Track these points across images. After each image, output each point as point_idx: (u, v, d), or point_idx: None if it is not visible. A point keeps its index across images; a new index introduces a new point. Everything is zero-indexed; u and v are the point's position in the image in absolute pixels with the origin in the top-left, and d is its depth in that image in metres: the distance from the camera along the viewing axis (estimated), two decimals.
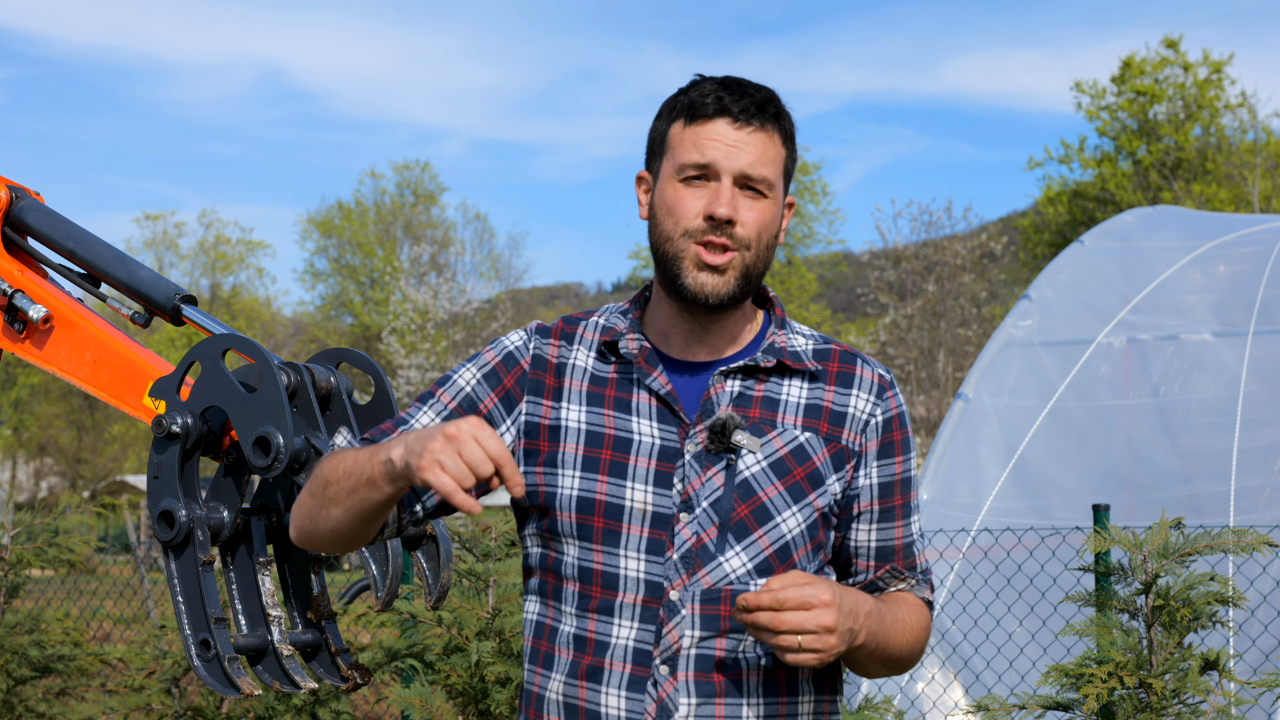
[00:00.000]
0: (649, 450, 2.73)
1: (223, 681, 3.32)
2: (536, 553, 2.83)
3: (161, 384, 3.43)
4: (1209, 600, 5.00)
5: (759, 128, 2.76)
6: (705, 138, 2.74)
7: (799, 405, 2.79)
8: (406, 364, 45.35)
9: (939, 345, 42.16)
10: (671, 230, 2.75)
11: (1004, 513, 10.28)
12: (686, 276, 2.73)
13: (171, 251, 57.99)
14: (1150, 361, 11.23)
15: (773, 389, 2.79)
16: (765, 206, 2.77)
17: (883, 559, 2.85)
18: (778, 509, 2.72)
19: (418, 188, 56.62)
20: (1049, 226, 44.87)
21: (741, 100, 2.76)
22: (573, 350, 2.85)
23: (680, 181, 2.76)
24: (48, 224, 3.90)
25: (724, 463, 2.71)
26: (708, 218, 2.72)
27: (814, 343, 2.88)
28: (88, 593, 11.53)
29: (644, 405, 2.77)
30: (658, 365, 2.79)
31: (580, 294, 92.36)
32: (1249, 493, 9.83)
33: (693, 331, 2.82)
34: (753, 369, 2.80)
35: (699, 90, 2.79)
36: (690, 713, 2.66)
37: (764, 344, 2.84)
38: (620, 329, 2.84)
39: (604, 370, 2.82)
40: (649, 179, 2.86)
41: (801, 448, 2.76)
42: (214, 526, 3.36)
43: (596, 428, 2.76)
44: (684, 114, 2.78)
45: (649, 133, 2.87)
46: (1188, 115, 42.63)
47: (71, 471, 54.91)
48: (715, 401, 2.75)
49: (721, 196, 2.72)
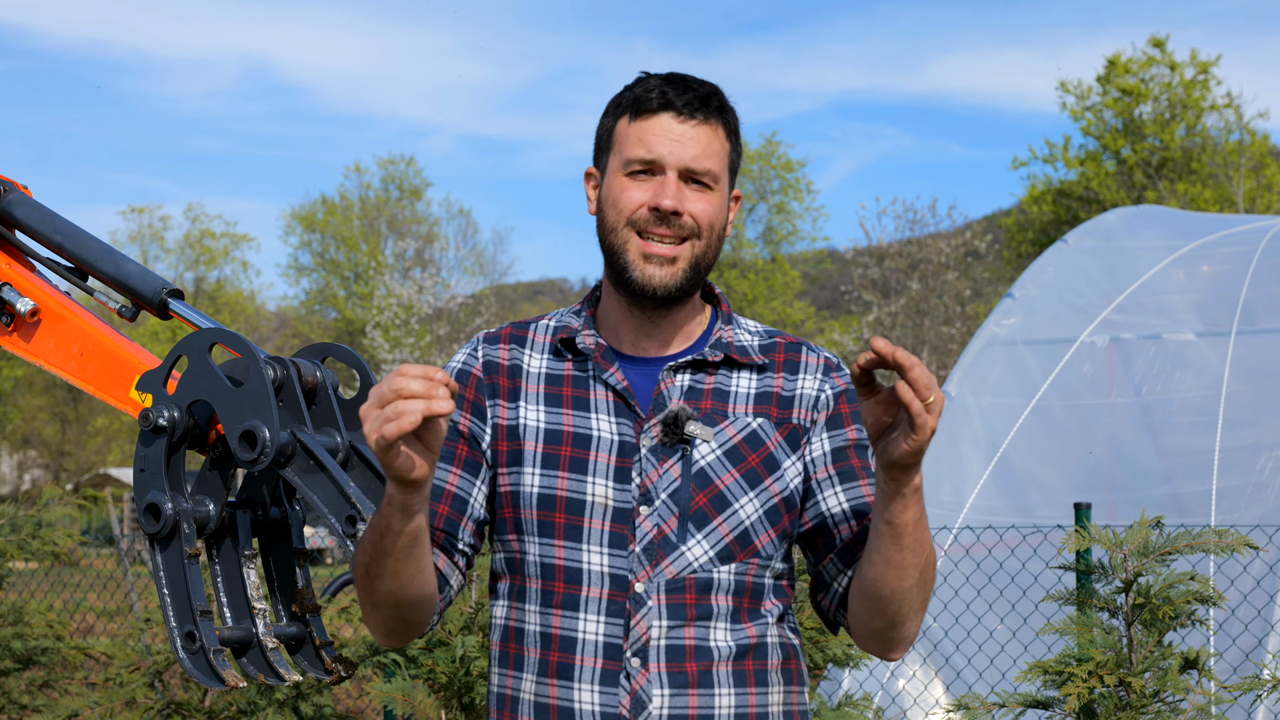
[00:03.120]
0: (609, 446, 2.75)
1: (207, 673, 3.33)
2: (501, 557, 2.86)
3: (148, 377, 3.43)
4: (1189, 599, 5.03)
5: (703, 121, 2.79)
6: (650, 133, 2.77)
7: (749, 395, 2.82)
8: (390, 359, 45.31)
9: (922, 343, 42.22)
10: (615, 221, 2.78)
11: (986, 511, 10.30)
12: (633, 270, 2.76)
13: (157, 244, 57.92)
14: (1133, 361, 11.26)
15: (723, 381, 2.83)
16: (711, 198, 2.79)
17: (861, 518, 2.80)
18: (735, 496, 2.74)
19: (402, 183, 56.54)
20: (1033, 225, 44.92)
21: (685, 95, 2.79)
22: (525, 353, 2.88)
23: (626, 175, 2.79)
24: (35, 217, 3.89)
25: (679, 454, 2.74)
26: (653, 209, 2.75)
27: (760, 338, 2.91)
28: (71, 585, 11.52)
29: (602, 401, 2.80)
30: (614, 361, 2.82)
31: (564, 289, 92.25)
32: (1230, 492, 9.86)
33: (642, 326, 2.84)
34: (701, 363, 2.82)
35: (644, 86, 2.82)
36: (664, 704, 2.68)
37: (711, 339, 2.87)
38: (575, 326, 2.87)
39: (559, 368, 2.85)
40: (597, 175, 2.89)
41: (754, 434, 2.78)
42: (200, 519, 3.36)
43: (555, 425, 2.79)
44: (629, 110, 2.81)
45: (596, 130, 2.90)
46: (1173, 115, 42.71)
47: (55, 464, 54.79)
48: (666, 395, 2.78)
49: (666, 189, 2.75)
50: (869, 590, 2.67)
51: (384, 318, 46.76)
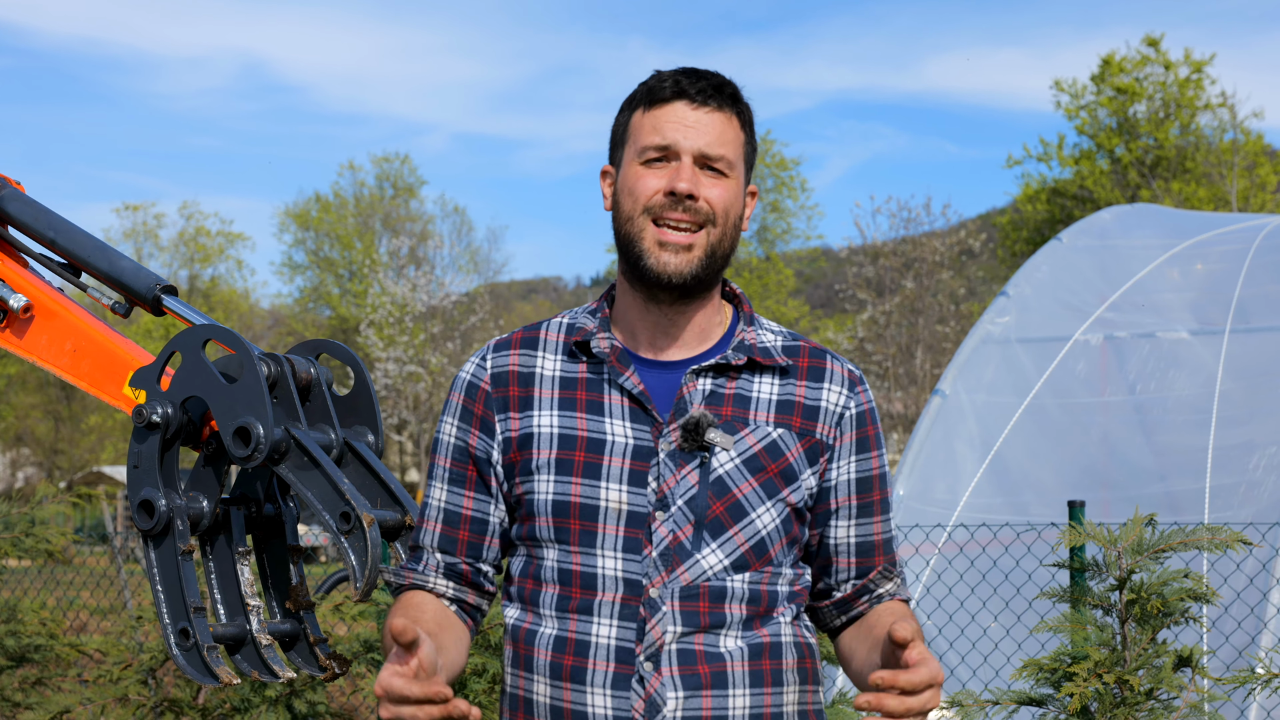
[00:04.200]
0: (623, 450, 2.74)
1: (201, 670, 3.33)
2: (519, 562, 2.84)
3: (142, 374, 3.43)
4: (1183, 596, 5.02)
5: (716, 108, 2.79)
6: (664, 120, 2.77)
7: (771, 402, 2.80)
8: (384, 357, 45.29)
9: (917, 342, 42.21)
10: (631, 209, 2.77)
11: (980, 509, 10.30)
12: (648, 257, 2.75)
13: (151, 242, 57.81)
14: (1127, 359, 11.27)
15: (744, 386, 2.80)
16: (728, 185, 2.78)
17: (864, 555, 2.86)
18: (752, 505, 2.73)
19: (396, 181, 56.47)
20: (1027, 224, 44.92)
21: (699, 83, 2.79)
22: (537, 356, 2.85)
23: (641, 164, 2.78)
24: (29, 213, 3.89)
25: (698, 461, 2.72)
26: (668, 194, 2.74)
27: (783, 339, 2.89)
28: (64, 583, 11.50)
29: (616, 406, 2.78)
30: (630, 364, 2.80)
31: (559, 288, 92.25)
32: (1224, 490, 9.87)
33: (660, 325, 2.82)
34: (724, 367, 2.80)
35: (657, 78, 2.83)
36: (678, 706, 2.67)
37: (734, 341, 2.84)
38: (590, 328, 2.84)
39: (573, 371, 2.82)
40: (613, 171, 2.88)
41: (775, 444, 2.77)
42: (193, 516, 3.36)
43: (569, 430, 2.77)
44: (643, 101, 2.82)
45: (611, 127, 2.89)
46: (1167, 114, 42.72)
47: (48, 462, 54.71)
48: (688, 400, 2.76)
49: (682, 173, 2.74)
50: (861, 671, 2.77)
51: (378, 316, 46.73)
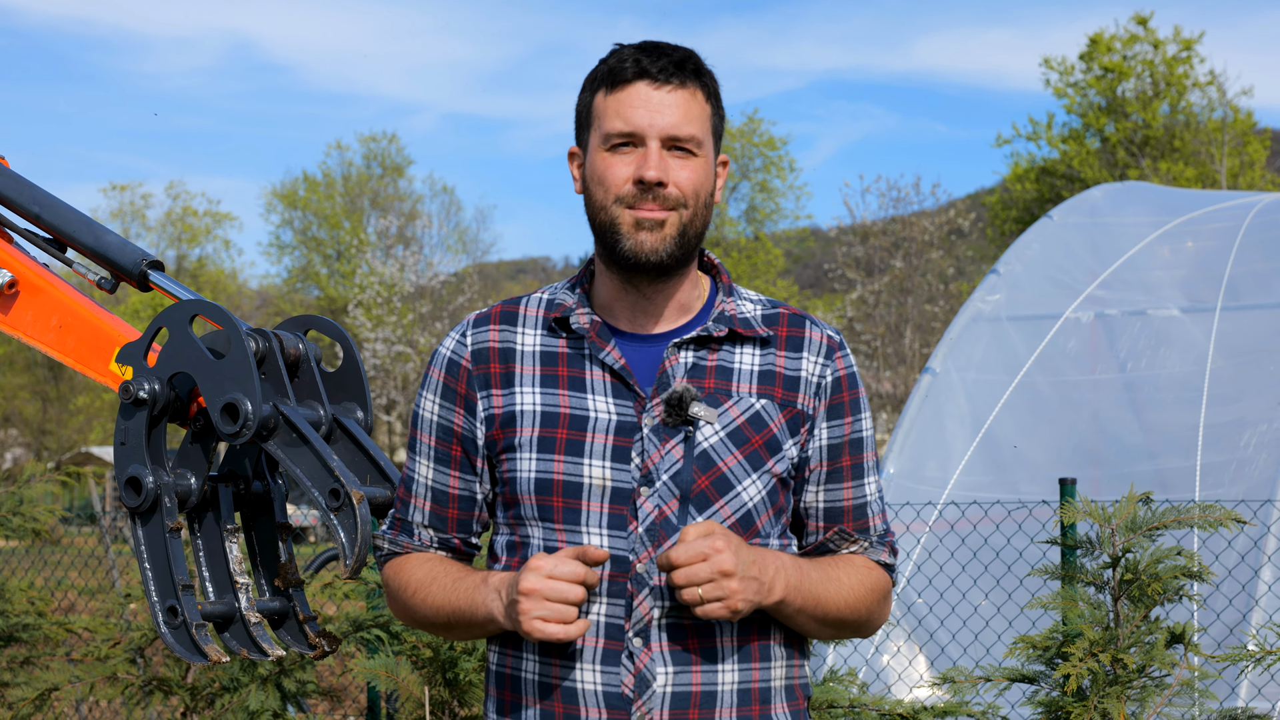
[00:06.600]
0: (605, 426, 2.73)
1: (190, 648, 3.30)
2: (501, 539, 2.84)
3: (128, 350, 3.39)
4: (1176, 574, 5.01)
5: (679, 85, 2.75)
6: (627, 104, 2.73)
7: (753, 373, 2.79)
8: (373, 337, 45.23)
9: (906, 321, 42.27)
10: (603, 199, 2.75)
11: (971, 487, 10.30)
12: (625, 240, 2.72)
13: (138, 222, 57.75)
14: (1118, 337, 11.27)
15: (725, 358, 2.79)
16: (696, 165, 2.75)
17: (831, 520, 2.85)
18: (738, 478, 2.73)
19: (384, 160, 56.35)
20: (1016, 203, 44.93)
21: (660, 61, 2.74)
22: (516, 332, 2.84)
23: (608, 150, 2.75)
24: (12, 188, 3.85)
25: (682, 435, 2.71)
26: (637, 182, 2.71)
27: (762, 308, 2.87)
28: (52, 563, 11.48)
29: (598, 381, 2.76)
30: (610, 339, 2.78)
31: (547, 268, 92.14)
32: (1214, 468, 9.87)
33: (638, 304, 2.81)
34: (705, 339, 2.79)
35: (617, 57, 2.78)
36: (668, 681, 2.67)
37: (714, 312, 2.83)
38: (569, 304, 2.83)
39: (553, 346, 2.81)
40: (580, 154, 2.85)
41: (758, 415, 2.76)
42: (181, 493, 3.33)
43: (551, 408, 2.76)
44: (604, 83, 2.77)
45: (575, 107, 2.86)
46: (1156, 93, 42.71)
47: (36, 443, 54.62)
48: (670, 374, 2.75)
49: (650, 160, 2.71)
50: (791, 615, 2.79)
51: (366, 296, 46.65)
